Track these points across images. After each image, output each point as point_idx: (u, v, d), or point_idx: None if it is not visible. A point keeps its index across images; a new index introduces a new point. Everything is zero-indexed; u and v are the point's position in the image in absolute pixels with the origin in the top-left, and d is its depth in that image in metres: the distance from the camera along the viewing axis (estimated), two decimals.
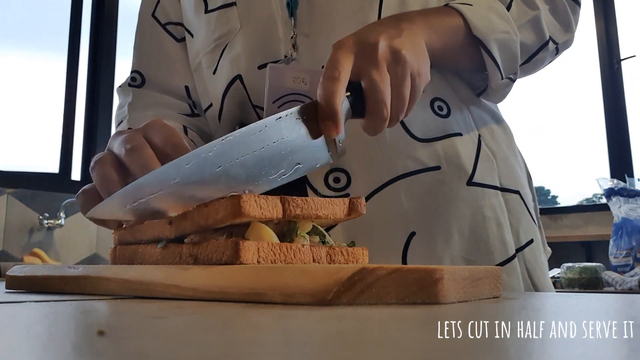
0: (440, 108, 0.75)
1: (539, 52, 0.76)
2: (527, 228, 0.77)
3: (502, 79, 0.72)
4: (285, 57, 0.74)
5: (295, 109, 0.56)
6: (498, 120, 0.82)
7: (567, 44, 0.80)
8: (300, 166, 0.56)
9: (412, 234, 0.71)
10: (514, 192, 0.77)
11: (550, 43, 0.76)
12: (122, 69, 3.10)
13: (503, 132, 0.81)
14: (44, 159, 2.99)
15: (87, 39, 3.08)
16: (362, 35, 0.60)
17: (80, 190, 0.61)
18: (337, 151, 0.58)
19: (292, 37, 0.74)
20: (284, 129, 0.54)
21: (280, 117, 0.54)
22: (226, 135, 0.51)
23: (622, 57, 3.16)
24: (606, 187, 2.62)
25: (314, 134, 0.56)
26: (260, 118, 0.76)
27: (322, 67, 0.71)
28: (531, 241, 0.77)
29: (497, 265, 0.72)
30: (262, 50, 0.75)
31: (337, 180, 0.72)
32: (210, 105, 0.84)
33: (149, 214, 0.52)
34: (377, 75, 0.57)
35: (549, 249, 0.84)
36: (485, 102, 0.80)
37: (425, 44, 0.64)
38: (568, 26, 0.79)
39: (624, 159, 3.08)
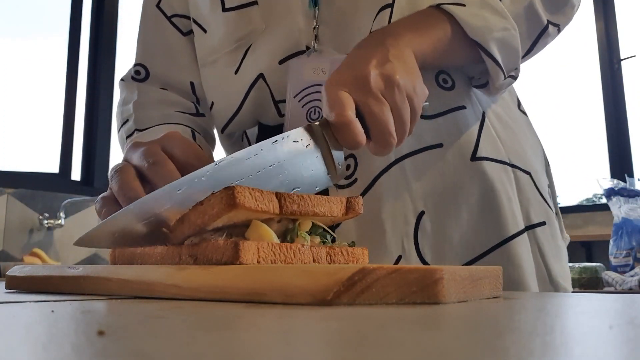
0: (445, 81, 0.74)
1: (539, 39, 0.74)
2: (538, 210, 0.76)
3: (505, 78, 0.71)
4: (307, 48, 0.73)
5: (292, 132, 0.56)
6: (507, 106, 0.81)
7: (569, 20, 0.78)
8: (299, 189, 0.56)
9: (422, 213, 0.71)
10: (524, 171, 0.76)
11: (550, 27, 0.74)
12: (123, 69, 3.09)
13: (510, 116, 0.80)
14: (44, 159, 2.99)
15: (87, 39, 3.08)
16: (351, 67, 0.60)
17: (99, 197, 0.62)
18: (337, 173, 0.58)
19: (314, 28, 0.73)
20: (281, 152, 0.54)
21: (276, 141, 0.55)
22: (220, 159, 0.52)
23: (622, 57, 3.16)
24: (606, 187, 2.63)
25: (313, 156, 0.57)
26: (280, 113, 0.77)
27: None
28: (543, 223, 0.76)
29: (509, 237, 0.71)
30: (284, 45, 0.75)
31: (347, 167, 0.72)
32: (213, 104, 0.83)
33: (139, 241, 0.52)
34: (376, 106, 0.57)
35: (567, 235, 0.83)
36: None
37: (415, 55, 0.64)
38: (566, 2, 0.76)
39: (624, 159, 3.08)
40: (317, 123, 0.58)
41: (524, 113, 0.84)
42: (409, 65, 0.62)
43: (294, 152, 0.56)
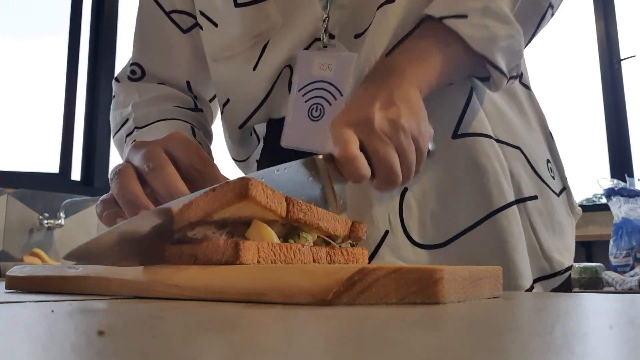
0: None
1: (540, 25, 0.73)
2: (529, 184, 0.75)
3: (508, 81, 0.70)
4: (321, 36, 0.73)
5: (295, 163, 0.56)
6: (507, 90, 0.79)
7: None
8: None
9: (405, 189, 0.71)
10: (512, 146, 0.75)
11: (548, 10, 0.73)
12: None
13: (504, 90, 0.77)
14: (44, 159, 2.99)
15: (87, 39, 3.08)
16: (355, 111, 0.60)
17: (99, 200, 0.62)
18: (337, 207, 0.58)
19: (324, 21, 0.72)
20: (282, 182, 0.54)
21: (278, 170, 0.54)
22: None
23: (622, 57, 3.16)
24: (606, 187, 2.63)
25: (315, 189, 0.57)
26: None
27: (358, 49, 0.70)
28: (535, 197, 0.75)
29: (496, 209, 0.71)
30: (304, 36, 0.74)
31: None
32: (228, 100, 0.82)
33: (136, 256, 0.50)
34: (381, 146, 0.58)
35: (579, 209, 0.82)
36: None
37: (421, 89, 0.63)
38: None
39: (624, 159, 3.08)
40: (321, 157, 0.58)
41: (526, 86, 0.82)
42: (414, 105, 0.61)
43: (296, 183, 0.56)
